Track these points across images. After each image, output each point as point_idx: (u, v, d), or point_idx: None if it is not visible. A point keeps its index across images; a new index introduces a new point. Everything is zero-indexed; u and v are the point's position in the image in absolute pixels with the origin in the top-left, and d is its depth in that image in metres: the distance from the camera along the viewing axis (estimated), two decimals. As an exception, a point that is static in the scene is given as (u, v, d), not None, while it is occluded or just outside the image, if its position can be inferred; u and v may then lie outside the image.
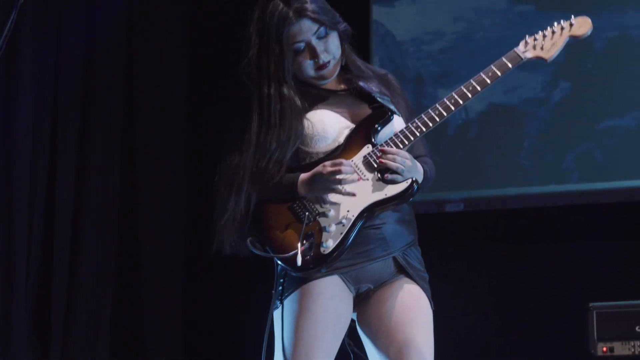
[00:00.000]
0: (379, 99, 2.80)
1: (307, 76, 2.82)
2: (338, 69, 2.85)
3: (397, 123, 2.81)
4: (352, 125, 2.79)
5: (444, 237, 5.29)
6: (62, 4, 5.14)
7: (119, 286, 5.36)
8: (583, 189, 5.14)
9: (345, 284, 2.77)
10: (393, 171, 2.71)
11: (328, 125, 2.77)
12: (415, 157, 2.81)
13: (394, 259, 2.79)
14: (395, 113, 2.79)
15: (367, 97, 2.83)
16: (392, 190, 2.71)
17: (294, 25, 2.75)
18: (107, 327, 5.25)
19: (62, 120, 5.10)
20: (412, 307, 2.76)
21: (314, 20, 2.76)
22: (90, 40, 5.30)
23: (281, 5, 2.76)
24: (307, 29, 2.76)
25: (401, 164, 2.70)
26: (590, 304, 4.38)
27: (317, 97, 2.82)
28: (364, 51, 5.45)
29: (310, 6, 2.76)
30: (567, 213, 5.15)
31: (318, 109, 2.80)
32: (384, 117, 2.78)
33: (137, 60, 5.55)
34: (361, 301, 2.83)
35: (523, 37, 2.82)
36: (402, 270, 2.80)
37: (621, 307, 4.39)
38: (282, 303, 2.77)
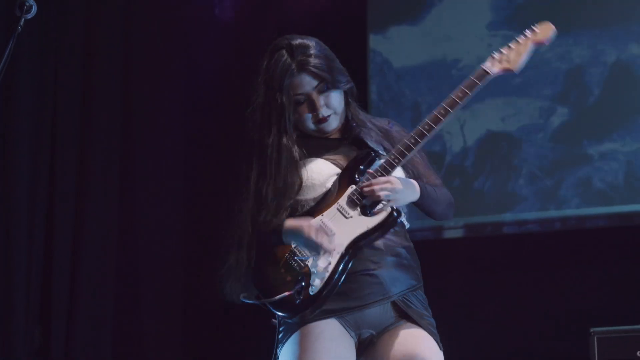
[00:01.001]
0: (370, 145, 2.83)
1: (307, 128, 2.86)
2: (339, 123, 2.88)
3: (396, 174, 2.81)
4: (335, 169, 2.82)
5: (443, 263, 5.24)
6: (61, 6, 5.18)
7: (120, 294, 5.36)
8: (583, 214, 5.13)
9: (345, 328, 2.77)
10: (376, 203, 2.74)
11: (316, 172, 2.81)
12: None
13: (394, 303, 2.79)
14: (380, 153, 2.81)
15: (362, 145, 2.86)
16: (372, 221, 2.73)
17: (295, 77, 2.79)
18: (109, 333, 5.24)
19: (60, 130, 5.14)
20: (417, 348, 2.74)
21: (315, 75, 2.79)
22: (89, 38, 5.33)
23: (286, 56, 2.80)
24: (307, 83, 2.80)
25: (384, 190, 2.71)
26: (592, 329, 4.35)
27: (315, 146, 2.85)
28: (361, 80, 5.53)
29: (313, 61, 2.79)
30: (566, 238, 5.14)
31: (312, 157, 2.83)
32: (368, 157, 2.80)
33: (135, 68, 5.56)
34: (365, 348, 2.82)
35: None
36: (404, 315, 2.79)
37: (623, 332, 4.35)
38: (281, 345, 2.78)
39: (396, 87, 5.54)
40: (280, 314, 2.76)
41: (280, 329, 2.81)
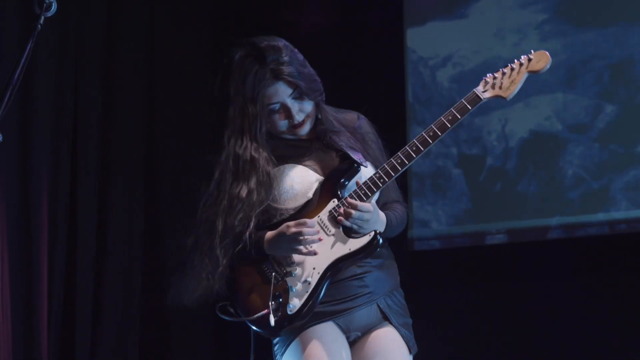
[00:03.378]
0: (348, 152, 2.84)
1: (280, 133, 2.88)
2: (312, 124, 2.89)
3: (366, 172, 2.84)
4: (321, 178, 2.84)
5: (486, 270, 5.20)
6: (81, 11, 5.11)
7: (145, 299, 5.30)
8: (633, 217, 4.94)
9: (340, 329, 2.85)
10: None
11: (296, 181, 2.83)
12: (386, 203, 2.92)
13: (377, 305, 2.88)
14: (361, 165, 2.82)
15: (337, 150, 2.88)
16: (355, 244, 2.77)
17: (269, 87, 2.79)
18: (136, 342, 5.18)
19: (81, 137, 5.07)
20: (388, 353, 2.83)
21: (290, 83, 2.79)
22: (111, 37, 5.28)
23: (257, 66, 2.78)
24: (282, 92, 2.80)
25: (359, 218, 2.73)
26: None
27: (287, 150, 2.88)
28: (398, 79, 5.41)
29: (287, 69, 2.78)
30: (616, 242, 4.98)
31: (287, 163, 2.86)
32: (350, 169, 2.82)
33: (159, 74, 5.50)
34: (351, 349, 2.90)
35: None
36: (386, 317, 2.89)
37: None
38: (280, 355, 2.84)
39: (432, 86, 5.40)
40: (256, 329, 2.80)
41: (274, 340, 2.86)
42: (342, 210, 2.75)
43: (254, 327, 2.81)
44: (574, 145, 5.11)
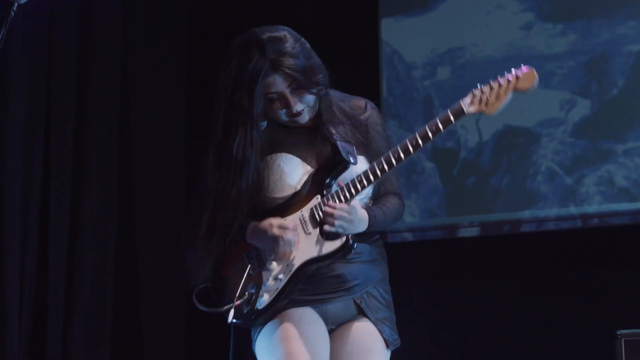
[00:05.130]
0: (339, 148, 2.80)
1: (279, 120, 2.84)
2: (312, 114, 2.85)
3: (358, 169, 2.81)
4: (312, 170, 2.82)
5: (457, 263, 5.21)
6: (55, 4, 5.04)
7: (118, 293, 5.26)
8: (605, 211, 4.97)
9: (320, 316, 2.83)
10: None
11: (286, 172, 2.82)
12: (383, 194, 2.88)
13: (354, 300, 2.85)
14: (350, 163, 2.79)
15: (331, 145, 2.84)
16: (328, 247, 2.76)
17: (267, 78, 2.74)
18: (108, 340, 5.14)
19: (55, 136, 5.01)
20: (366, 349, 2.82)
21: (288, 75, 2.74)
22: (85, 40, 5.21)
23: (257, 55, 2.72)
24: (280, 83, 2.76)
25: (336, 220, 2.72)
26: (619, 332, 4.24)
27: (284, 136, 2.85)
28: (372, 72, 5.40)
29: (287, 61, 2.73)
30: (588, 236, 5.01)
31: (280, 152, 2.83)
32: (339, 167, 2.79)
33: (133, 61, 5.43)
34: None
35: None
36: (362, 312, 2.86)
37: (652, 334, 4.28)
38: (257, 333, 2.84)
39: (407, 80, 5.39)
40: (229, 317, 2.81)
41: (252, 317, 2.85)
42: (320, 211, 2.76)
43: (225, 314, 2.81)
44: (548, 140, 5.12)
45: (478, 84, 2.79)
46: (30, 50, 4.89)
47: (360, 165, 2.81)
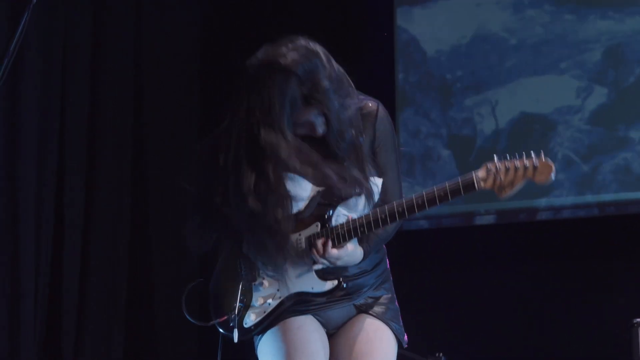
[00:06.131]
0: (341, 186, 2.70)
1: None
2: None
3: (359, 201, 2.74)
4: (317, 189, 2.71)
5: (474, 250, 5.20)
6: (69, 7, 5.05)
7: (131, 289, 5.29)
8: (622, 199, 4.95)
9: (320, 324, 2.82)
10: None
11: (292, 195, 2.69)
12: (384, 202, 2.75)
13: (355, 305, 2.84)
14: (337, 206, 2.71)
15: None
16: (318, 286, 2.73)
17: (301, 110, 2.65)
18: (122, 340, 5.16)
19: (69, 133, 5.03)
20: (370, 339, 2.80)
21: (320, 109, 2.65)
22: (98, 38, 5.21)
23: (295, 84, 2.61)
24: (313, 115, 2.67)
25: (325, 261, 2.68)
26: (635, 320, 4.21)
27: (305, 153, 2.73)
28: (388, 59, 5.38)
29: (319, 96, 2.63)
30: (604, 225, 4.99)
31: (291, 170, 2.71)
32: (340, 200, 2.71)
33: (146, 61, 5.44)
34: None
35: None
36: (363, 311, 2.84)
37: (668, 322, 4.27)
38: (258, 339, 2.82)
39: (423, 67, 5.37)
40: (219, 329, 2.84)
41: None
42: (313, 248, 2.69)
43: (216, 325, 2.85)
44: (564, 127, 5.10)
45: (495, 157, 2.68)
46: (45, 49, 4.90)
47: (372, 183, 2.74)
